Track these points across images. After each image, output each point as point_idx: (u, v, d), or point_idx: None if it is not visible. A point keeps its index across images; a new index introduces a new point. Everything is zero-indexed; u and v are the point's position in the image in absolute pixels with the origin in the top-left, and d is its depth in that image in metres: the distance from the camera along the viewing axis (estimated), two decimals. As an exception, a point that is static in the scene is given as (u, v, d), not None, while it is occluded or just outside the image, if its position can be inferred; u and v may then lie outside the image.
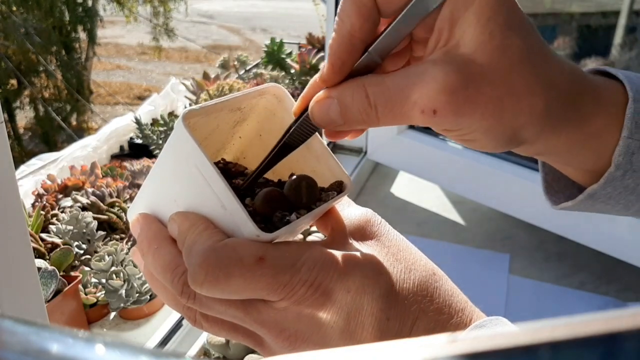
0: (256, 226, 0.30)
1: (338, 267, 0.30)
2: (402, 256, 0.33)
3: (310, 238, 0.82)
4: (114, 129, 1.46)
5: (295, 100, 0.35)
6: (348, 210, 0.36)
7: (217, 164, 0.38)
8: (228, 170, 0.38)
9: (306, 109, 0.34)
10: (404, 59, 0.35)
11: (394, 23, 0.31)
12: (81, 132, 5.18)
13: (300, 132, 0.34)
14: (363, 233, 0.34)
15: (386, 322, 0.31)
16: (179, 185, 0.34)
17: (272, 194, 0.34)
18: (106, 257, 0.87)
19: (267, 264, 0.29)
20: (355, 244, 0.33)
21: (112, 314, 0.89)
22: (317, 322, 0.30)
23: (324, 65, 0.32)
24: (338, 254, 0.31)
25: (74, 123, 5.55)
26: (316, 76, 0.34)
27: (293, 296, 0.29)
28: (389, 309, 0.31)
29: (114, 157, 1.43)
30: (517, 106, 0.30)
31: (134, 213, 0.37)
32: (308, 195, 0.34)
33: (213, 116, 0.35)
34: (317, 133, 0.35)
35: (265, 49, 1.72)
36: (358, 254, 0.32)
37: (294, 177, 0.35)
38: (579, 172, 0.37)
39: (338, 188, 0.36)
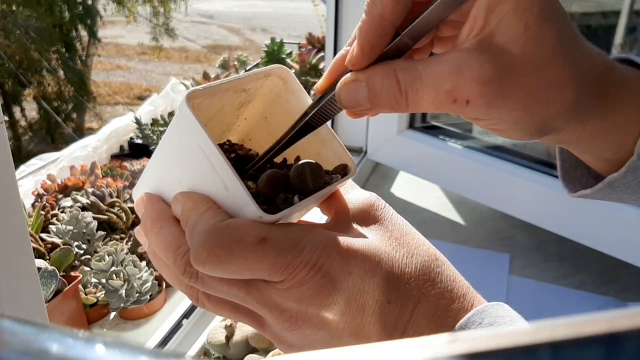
0: (258, 207, 0.30)
1: (340, 250, 0.30)
2: (404, 240, 0.33)
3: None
4: (114, 129, 1.46)
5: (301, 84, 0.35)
6: (352, 193, 0.36)
7: (222, 145, 0.38)
8: (235, 152, 0.38)
9: (330, 88, 0.33)
10: (428, 37, 0.34)
11: (432, 7, 0.30)
12: (81, 131, 5.18)
13: (324, 112, 0.33)
14: (366, 217, 0.34)
15: (387, 305, 0.31)
16: (183, 166, 0.34)
17: (275, 175, 0.33)
18: (106, 257, 0.88)
19: (269, 245, 0.29)
20: (359, 227, 0.33)
21: (112, 314, 0.89)
22: (317, 304, 0.30)
23: (352, 48, 0.31)
24: (341, 236, 0.31)
25: (74, 123, 5.55)
26: (340, 53, 0.33)
27: (294, 277, 0.29)
28: (389, 293, 0.31)
29: (114, 157, 1.43)
30: (547, 98, 0.30)
31: (139, 192, 0.37)
32: (314, 181, 0.33)
33: (218, 97, 0.35)
34: None
35: (265, 49, 1.72)
36: (360, 237, 0.32)
37: (298, 163, 0.34)
38: (598, 160, 0.37)
39: (342, 171, 0.36)
